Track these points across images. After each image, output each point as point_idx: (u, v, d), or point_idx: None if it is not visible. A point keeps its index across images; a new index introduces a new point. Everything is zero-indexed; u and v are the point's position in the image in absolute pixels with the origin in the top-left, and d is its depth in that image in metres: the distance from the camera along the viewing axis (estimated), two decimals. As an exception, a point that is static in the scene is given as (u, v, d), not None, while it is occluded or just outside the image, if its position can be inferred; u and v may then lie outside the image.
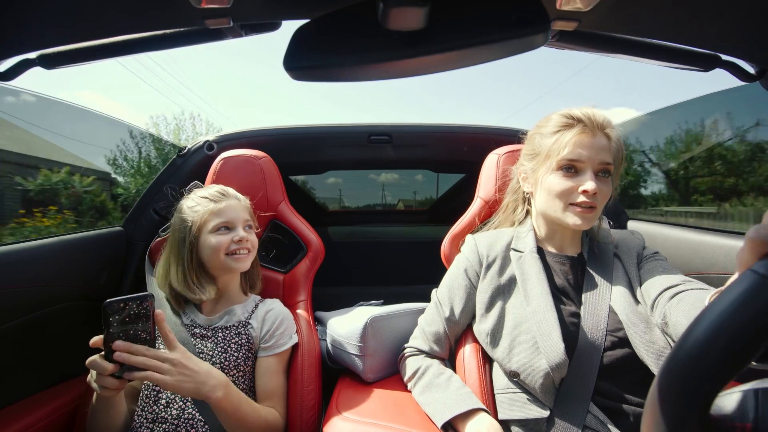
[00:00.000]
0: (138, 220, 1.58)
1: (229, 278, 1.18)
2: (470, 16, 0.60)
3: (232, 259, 1.12)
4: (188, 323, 1.12)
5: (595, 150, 0.95)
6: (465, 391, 1.00)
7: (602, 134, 0.97)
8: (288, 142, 1.73)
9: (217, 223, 1.12)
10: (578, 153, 0.95)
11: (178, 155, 1.64)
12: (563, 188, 0.96)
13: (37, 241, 1.22)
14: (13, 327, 1.13)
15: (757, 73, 0.86)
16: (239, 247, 1.12)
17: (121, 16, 0.71)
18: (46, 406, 1.16)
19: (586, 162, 0.95)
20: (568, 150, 0.95)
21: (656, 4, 0.68)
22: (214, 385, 0.91)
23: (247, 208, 1.20)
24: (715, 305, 0.36)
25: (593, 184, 0.93)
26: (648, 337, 0.87)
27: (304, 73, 0.65)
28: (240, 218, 1.15)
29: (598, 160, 0.95)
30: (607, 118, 0.99)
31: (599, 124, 0.97)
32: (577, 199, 0.95)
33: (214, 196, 1.16)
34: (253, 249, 1.17)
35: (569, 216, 0.97)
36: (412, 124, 1.75)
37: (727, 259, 1.14)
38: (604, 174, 0.97)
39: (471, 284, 1.07)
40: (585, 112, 0.98)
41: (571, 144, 0.95)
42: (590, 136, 0.95)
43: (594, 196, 0.94)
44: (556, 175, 0.98)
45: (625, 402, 0.86)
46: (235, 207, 1.15)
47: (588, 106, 1.00)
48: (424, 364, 1.11)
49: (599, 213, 0.99)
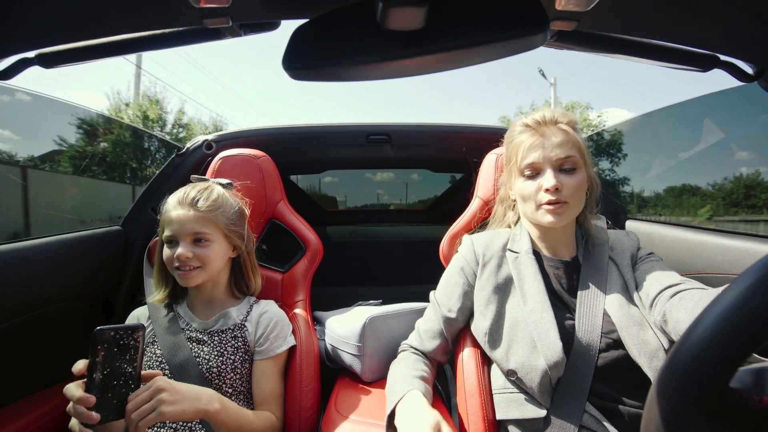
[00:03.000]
0: (136, 220, 1.58)
1: (209, 285, 1.14)
2: (469, 16, 0.60)
3: (178, 275, 1.07)
4: (184, 327, 1.11)
5: (548, 148, 0.97)
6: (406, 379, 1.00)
7: (555, 129, 0.99)
8: (287, 141, 1.73)
9: (166, 236, 1.08)
10: (532, 156, 0.99)
11: (177, 154, 1.64)
12: (528, 191, 1.00)
13: (35, 240, 1.22)
14: (11, 326, 1.13)
15: (756, 74, 0.86)
16: (180, 265, 1.05)
17: (119, 15, 0.71)
18: (44, 405, 1.16)
19: (541, 162, 0.98)
20: (522, 155, 1.00)
21: (654, 5, 0.68)
22: (209, 397, 0.90)
23: (203, 218, 1.07)
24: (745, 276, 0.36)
25: (552, 180, 0.95)
26: (640, 338, 0.87)
27: (303, 73, 0.65)
28: (185, 231, 1.05)
29: (553, 157, 0.97)
30: (561, 113, 1.02)
31: (548, 121, 1.00)
32: (543, 199, 0.97)
33: (172, 203, 1.09)
34: (206, 264, 1.07)
35: (541, 216, 0.99)
36: (411, 124, 1.75)
37: (725, 259, 1.14)
38: (568, 167, 0.98)
39: (468, 282, 1.08)
40: (535, 116, 1.02)
41: (525, 148, 1.00)
42: (540, 136, 0.99)
43: (557, 191, 0.96)
44: (521, 180, 1.02)
45: (620, 403, 0.86)
46: (182, 219, 1.05)
47: (545, 107, 1.02)
48: (401, 357, 1.13)
49: (576, 207, 0.99)
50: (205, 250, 1.07)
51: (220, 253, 1.11)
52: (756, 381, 0.39)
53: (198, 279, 1.07)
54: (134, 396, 0.80)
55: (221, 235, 1.11)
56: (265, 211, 1.41)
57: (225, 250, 1.13)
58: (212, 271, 1.10)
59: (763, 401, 0.37)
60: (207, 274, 1.09)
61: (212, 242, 1.09)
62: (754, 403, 0.37)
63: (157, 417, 0.80)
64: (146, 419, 0.79)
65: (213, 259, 1.08)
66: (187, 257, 1.04)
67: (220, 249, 1.11)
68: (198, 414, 0.87)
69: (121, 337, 0.78)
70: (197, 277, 1.07)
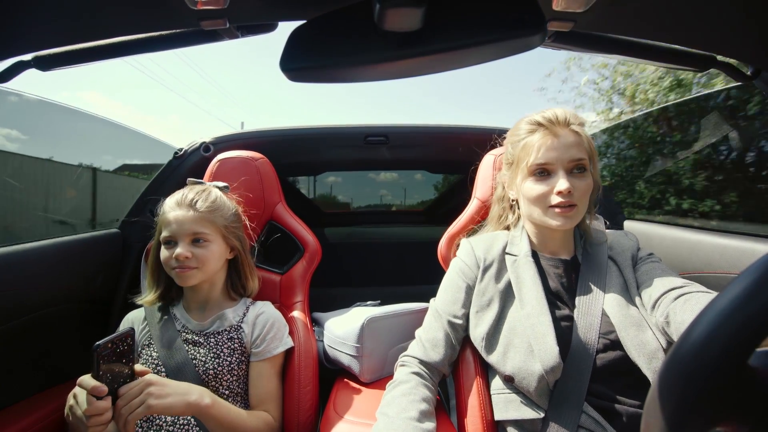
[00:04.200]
0: (134, 222, 1.57)
1: (206, 286, 1.14)
2: (466, 17, 0.60)
3: (175, 275, 1.07)
4: (180, 329, 1.11)
5: (561, 149, 0.95)
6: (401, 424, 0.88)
7: (568, 131, 0.97)
8: (284, 143, 1.73)
9: (164, 236, 1.08)
10: (545, 156, 0.96)
11: (175, 157, 1.64)
12: (538, 193, 0.98)
13: (33, 243, 1.21)
14: (9, 329, 1.12)
15: (752, 73, 0.86)
16: (178, 265, 1.05)
17: (116, 17, 0.71)
18: (43, 409, 1.15)
19: (554, 163, 0.96)
20: (535, 155, 0.97)
21: (651, 5, 0.68)
22: (200, 393, 0.91)
23: (201, 218, 1.08)
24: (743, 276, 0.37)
25: (566, 183, 0.93)
26: (639, 339, 0.87)
27: (300, 74, 0.65)
28: (184, 232, 1.06)
29: (567, 159, 0.95)
30: (573, 114, 1.00)
31: (562, 122, 0.98)
32: (554, 201, 0.96)
33: (171, 204, 1.10)
34: (204, 264, 1.07)
35: (550, 218, 0.98)
36: (409, 125, 1.75)
37: (723, 259, 1.14)
38: (579, 170, 0.97)
39: (469, 287, 1.06)
40: (547, 115, 0.99)
41: (537, 149, 0.97)
42: (554, 136, 0.97)
43: (569, 194, 0.94)
44: (530, 181, 1.00)
45: (618, 403, 0.86)
46: (181, 219, 1.06)
47: (556, 107, 1.01)
48: (402, 377, 1.01)
49: (582, 210, 0.99)
50: (203, 250, 1.08)
51: (218, 253, 1.11)
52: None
53: (195, 279, 1.08)
54: (125, 390, 0.82)
55: (219, 236, 1.12)
56: (263, 213, 1.41)
57: (223, 251, 1.14)
58: (210, 272, 1.10)
59: None
60: (204, 275, 1.09)
61: (210, 242, 1.09)
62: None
63: (145, 410, 0.82)
64: (135, 413, 0.81)
65: (211, 259, 1.09)
66: (186, 257, 1.05)
67: (218, 249, 1.11)
68: (188, 408, 0.88)
69: (117, 345, 0.81)
70: (195, 277, 1.07)
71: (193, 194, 1.12)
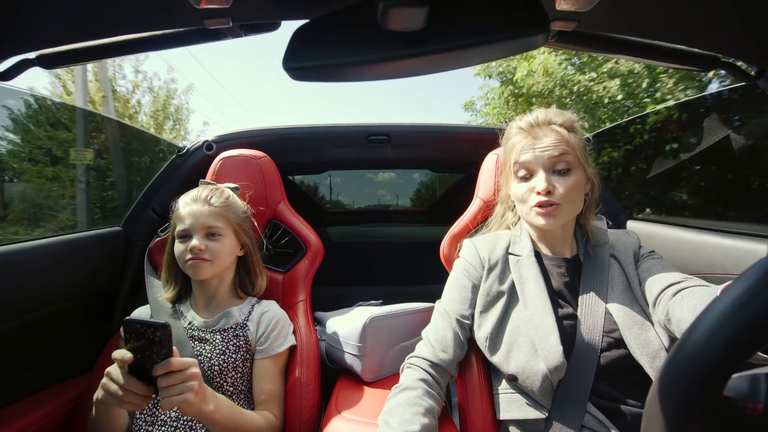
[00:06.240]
0: (137, 220, 1.58)
1: (215, 282, 1.16)
2: (469, 16, 0.60)
3: (189, 267, 1.10)
4: (186, 326, 1.12)
5: (540, 149, 0.96)
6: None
7: (548, 130, 0.98)
8: (287, 141, 1.73)
9: (179, 230, 1.11)
10: (523, 158, 0.98)
11: (178, 155, 1.64)
12: (521, 193, 1.00)
13: (35, 240, 1.22)
14: (11, 327, 1.13)
15: (757, 74, 0.86)
16: (192, 257, 1.08)
17: (120, 16, 0.71)
18: (45, 406, 1.16)
19: (533, 163, 0.97)
20: (515, 157, 1.00)
21: (655, 5, 0.68)
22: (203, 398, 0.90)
23: (216, 213, 1.12)
24: (741, 280, 0.36)
25: (544, 183, 0.95)
26: (642, 338, 0.87)
27: (303, 73, 0.65)
28: (199, 225, 1.10)
29: (545, 158, 0.96)
30: (558, 113, 1.01)
31: (542, 122, 0.99)
32: (534, 201, 0.97)
33: (186, 201, 1.14)
34: (216, 257, 1.10)
35: (534, 218, 0.98)
36: (412, 124, 1.75)
37: (726, 260, 1.14)
38: (562, 169, 0.97)
39: (475, 286, 1.06)
40: (527, 118, 1.01)
41: (518, 150, 1.00)
42: (533, 137, 0.98)
43: (549, 194, 0.95)
44: (515, 182, 1.02)
45: (622, 403, 0.86)
46: (196, 213, 1.11)
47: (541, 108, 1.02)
48: (408, 383, 0.96)
49: (569, 209, 0.98)
50: (217, 244, 1.11)
51: (230, 248, 1.15)
52: (750, 389, 0.39)
53: (208, 272, 1.10)
54: (163, 370, 0.80)
55: (232, 231, 1.16)
56: (266, 212, 1.41)
57: (234, 247, 1.17)
58: (221, 266, 1.13)
59: (758, 409, 0.38)
60: (216, 268, 1.12)
61: (224, 236, 1.13)
62: (749, 411, 0.37)
63: (180, 401, 0.81)
64: (173, 399, 0.80)
65: (224, 252, 1.13)
66: (200, 249, 1.08)
67: (230, 244, 1.15)
68: (198, 414, 0.88)
69: (145, 330, 0.80)
70: (208, 270, 1.10)
71: (208, 191, 1.16)
